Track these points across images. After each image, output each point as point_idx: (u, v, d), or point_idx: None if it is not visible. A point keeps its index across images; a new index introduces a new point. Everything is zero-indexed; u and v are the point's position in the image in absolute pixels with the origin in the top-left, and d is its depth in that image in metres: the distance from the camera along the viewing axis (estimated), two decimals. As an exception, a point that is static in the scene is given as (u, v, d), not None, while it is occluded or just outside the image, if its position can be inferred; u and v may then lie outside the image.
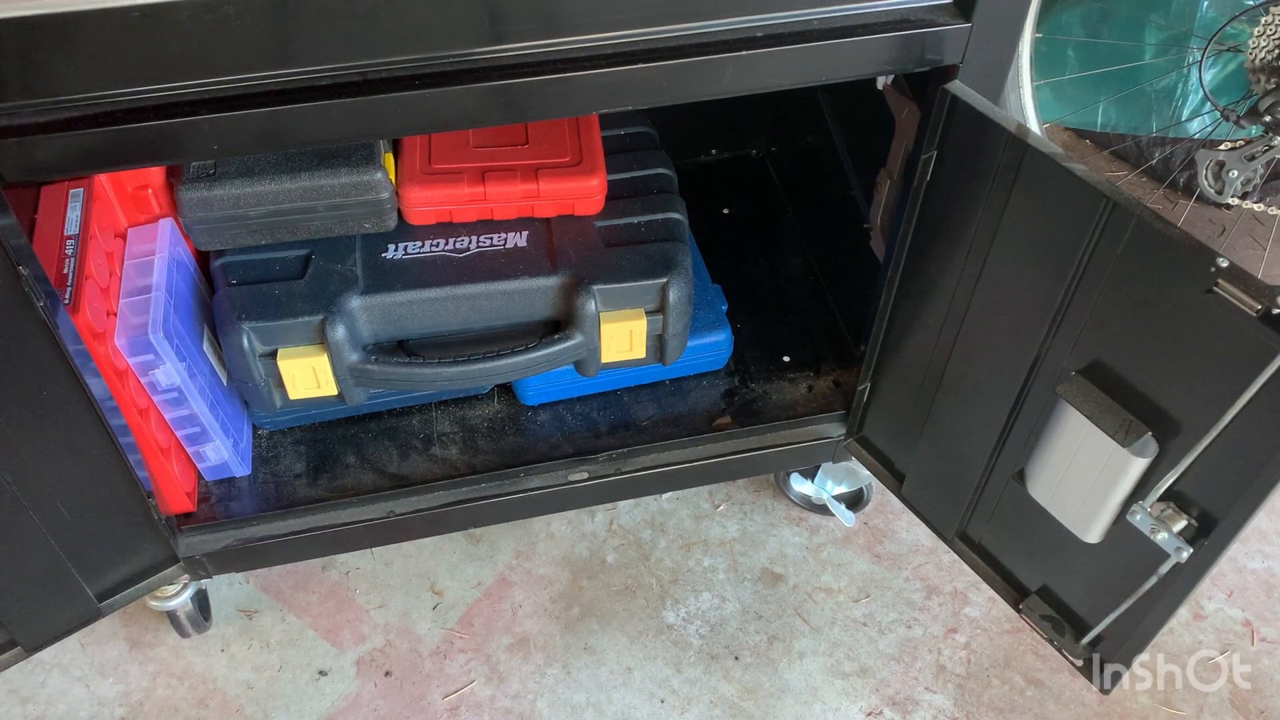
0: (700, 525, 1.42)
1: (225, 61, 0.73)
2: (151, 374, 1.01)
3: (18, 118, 0.72)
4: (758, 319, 1.34)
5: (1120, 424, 0.84)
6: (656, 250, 1.10)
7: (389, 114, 0.78)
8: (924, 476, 1.14)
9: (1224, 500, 0.81)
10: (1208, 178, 1.53)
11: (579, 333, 1.08)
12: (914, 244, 1.00)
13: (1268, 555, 1.39)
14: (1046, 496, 0.96)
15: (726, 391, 1.27)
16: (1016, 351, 0.93)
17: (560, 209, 1.12)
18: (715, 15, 0.80)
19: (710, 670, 1.28)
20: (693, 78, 0.81)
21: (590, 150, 1.12)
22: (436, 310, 1.07)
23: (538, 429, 1.23)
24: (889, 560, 1.38)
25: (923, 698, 1.26)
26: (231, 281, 1.05)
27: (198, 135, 0.75)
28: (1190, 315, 0.76)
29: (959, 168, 0.91)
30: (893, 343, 1.10)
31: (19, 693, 1.25)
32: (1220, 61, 1.67)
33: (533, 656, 1.29)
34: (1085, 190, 0.80)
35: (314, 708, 1.25)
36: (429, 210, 1.09)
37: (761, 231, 1.46)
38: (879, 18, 0.83)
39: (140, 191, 1.07)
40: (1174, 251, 0.76)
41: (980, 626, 1.32)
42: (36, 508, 0.94)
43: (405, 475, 1.18)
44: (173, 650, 1.29)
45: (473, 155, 1.10)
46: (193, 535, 1.12)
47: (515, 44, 0.77)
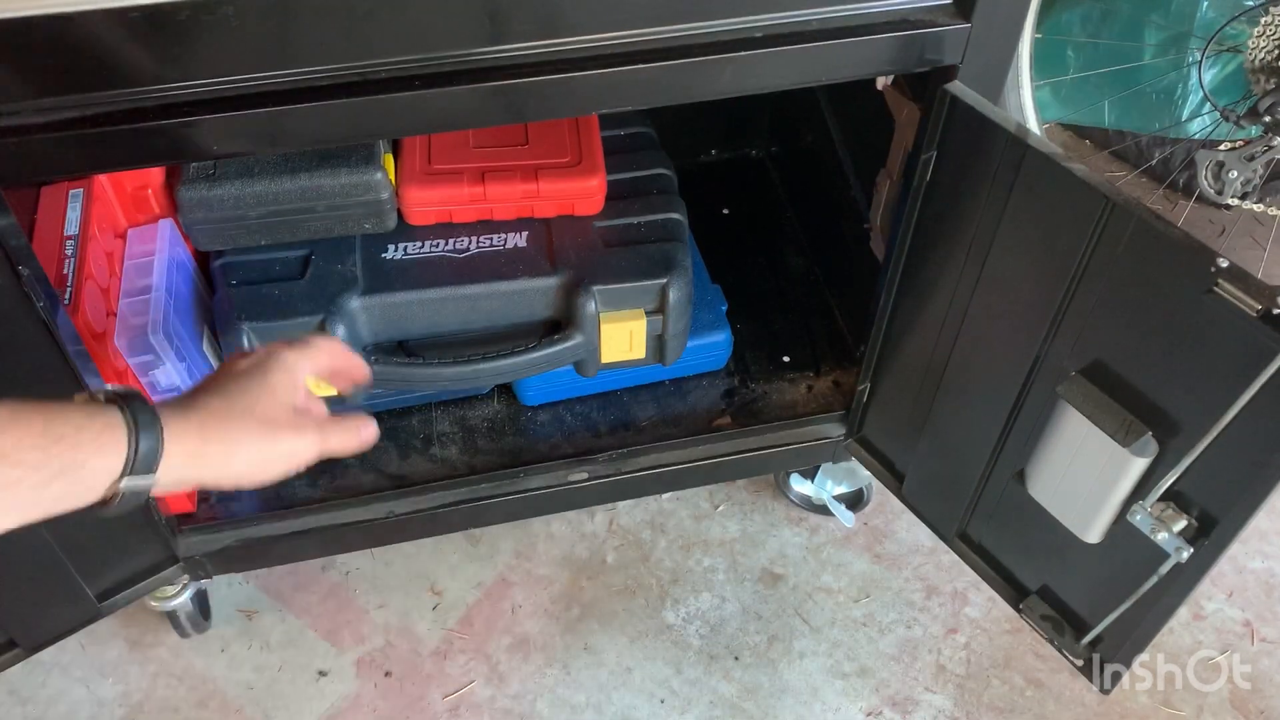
0: (700, 525, 1.42)
1: (225, 61, 0.73)
2: (151, 374, 1.01)
3: (18, 118, 0.72)
4: (758, 319, 1.34)
5: (1120, 424, 0.84)
6: (656, 250, 1.10)
7: (389, 114, 0.78)
8: (924, 476, 1.14)
9: (1224, 500, 0.81)
10: (1208, 178, 1.53)
11: (579, 333, 1.08)
12: (914, 244, 1.00)
13: (1268, 555, 1.39)
14: (1046, 496, 0.96)
15: (726, 391, 1.27)
16: (1016, 351, 0.93)
17: (560, 209, 1.12)
18: (715, 15, 0.80)
19: (710, 670, 1.28)
20: (693, 78, 0.81)
21: (590, 150, 1.12)
22: (436, 310, 1.07)
23: (538, 429, 1.23)
24: (889, 560, 1.38)
25: (923, 698, 1.26)
26: (231, 282, 1.05)
27: (198, 135, 0.75)
28: (1190, 315, 0.76)
29: (959, 168, 0.91)
30: (892, 343, 1.10)
31: (19, 693, 1.25)
32: (1220, 61, 1.67)
33: (533, 657, 1.29)
34: (1085, 190, 0.80)
35: (314, 708, 1.25)
36: (429, 210, 1.09)
37: (761, 231, 1.46)
38: (879, 18, 0.83)
39: (140, 191, 1.07)
40: (1174, 251, 0.76)
41: (980, 626, 1.32)
42: (36, 508, 0.94)
43: (405, 475, 1.18)
44: (173, 650, 1.29)
45: (472, 155, 1.10)
46: (193, 535, 1.12)
47: (515, 44, 0.77)
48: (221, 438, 0.64)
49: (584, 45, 0.78)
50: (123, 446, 0.58)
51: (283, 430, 0.67)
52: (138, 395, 0.61)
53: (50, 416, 0.55)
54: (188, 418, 0.63)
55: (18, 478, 0.53)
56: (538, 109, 0.81)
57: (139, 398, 0.60)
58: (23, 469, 0.53)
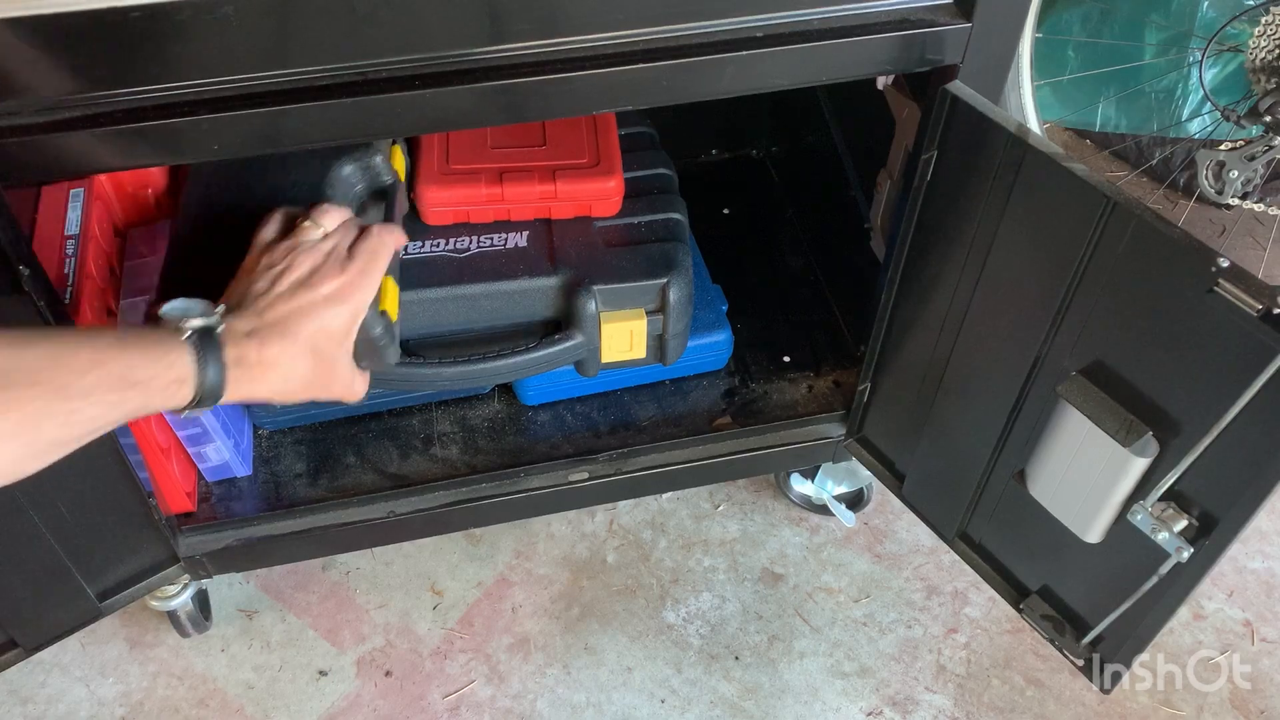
0: (700, 525, 1.42)
1: (225, 61, 0.73)
2: (151, 374, 1.00)
3: (18, 118, 0.72)
4: (758, 319, 1.34)
5: (1120, 424, 0.84)
6: (657, 250, 1.10)
7: (389, 114, 0.78)
8: (924, 476, 1.14)
9: (1224, 500, 0.81)
10: (1208, 178, 1.53)
11: (579, 333, 1.08)
12: (914, 244, 1.00)
13: (1268, 555, 1.39)
14: (1047, 496, 0.96)
15: (726, 391, 1.27)
16: (1016, 351, 0.93)
17: (578, 210, 1.11)
18: (715, 15, 0.80)
19: (710, 670, 1.28)
20: (693, 78, 0.81)
21: (608, 151, 1.11)
22: (437, 310, 1.07)
23: (538, 429, 1.23)
24: (889, 560, 1.38)
25: (923, 698, 1.26)
26: (231, 281, 1.05)
27: (198, 135, 0.75)
28: (1190, 315, 0.76)
29: (959, 168, 0.91)
30: (893, 343, 1.10)
31: (19, 693, 1.25)
32: (1220, 61, 1.67)
33: (533, 656, 1.29)
34: (1085, 190, 0.80)
35: (314, 708, 1.25)
36: (446, 210, 1.09)
37: (761, 231, 1.46)
38: (879, 18, 0.83)
39: (140, 191, 1.07)
40: (1174, 251, 0.76)
41: (980, 626, 1.32)
42: (36, 508, 0.94)
43: (405, 475, 1.18)
44: (173, 650, 1.29)
45: (490, 156, 1.10)
46: (193, 535, 1.12)
47: (515, 44, 0.77)
48: (285, 375, 0.75)
49: (584, 45, 0.78)
50: (190, 391, 0.69)
51: (340, 367, 0.79)
52: (213, 340, 0.70)
53: (130, 362, 0.66)
54: (259, 349, 0.73)
55: (95, 415, 0.63)
56: (538, 109, 0.81)
57: (214, 343, 0.70)
58: (100, 408, 0.63)
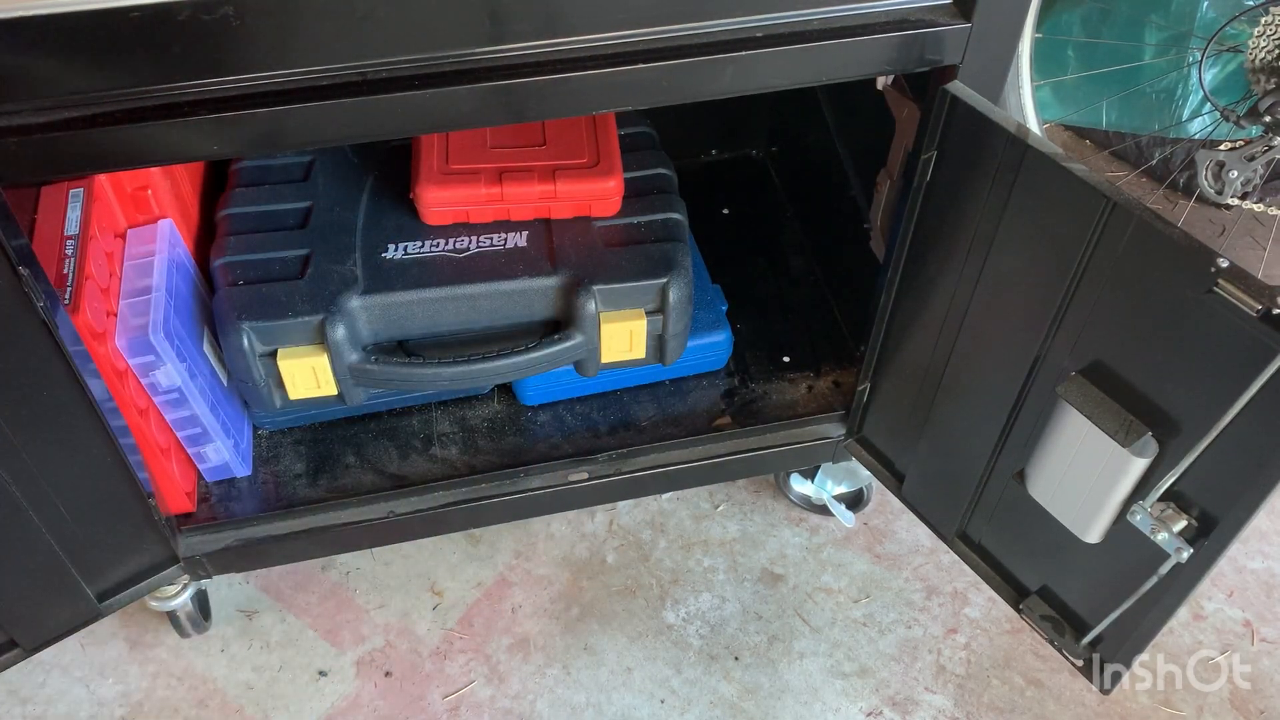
0: (700, 525, 1.42)
1: (225, 61, 0.73)
2: (152, 375, 1.00)
3: (18, 118, 0.72)
4: (758, 319, 1.34)
5: (1120, 424, 0.84)
6: (656, 250, 1.10)
7: (389, 114, 0.78)
8: (924, 476, 1.14)
9: (1224, 500, 0.81)
10: (1208, 178, 1.53)
11: (579, 333, 1.08)
12: (914, 244, 1.00)
13: (1268, 555, 1.39)
14: (1046, 496, 0.96)
15: (726, 392, 1.27)
16: (1016, 351, 0.93)
17: (577, 210, 1.11)
18: (715, 15, 0.80)
19: (710, 670, 1.28)
20: (693, 78, 0.81)
21: (608, 151, 1.11)
22: (436, 310, 1.07)
23: (538, 429, 1.23)
24: (889, 560, 1.38)
25: (923, 698, 1.26)
26: (231, 281, 1.05)
27: (198, 135, 0.75)
28: (1190, 315, 0.76)
29: (959, 168, 0.91)
30: (892, 343, 1.10)
31: (19, 693, 1.25)
32: (1220, 61, 1.67)
33: (533, 657, 1.29)
34: (1085, 190, 0.80)
35: (314, 708, 1.25)
36: (446, 210, 1.09)
37: (761, 231, 1.46)
38: (879, 18, 0.83)
39: (140, 191, 1.07)
40: (1174, 251, 0.76)
41: (980, 626, 1.32)
42: (36, 508, 0.94)
43: (405, 475, 1.18)
44: (172, 650, 1.29)
45: (490, 156, 1.10)
46: (193, 535, 1.12)
47: (515, 44, 0.77)
48: None
49: (584, 45, 0.79)
50: None
51: None
52: None
53: None
54: None
55: None
56: (538, 109, 0.81)
57: None
58: None
